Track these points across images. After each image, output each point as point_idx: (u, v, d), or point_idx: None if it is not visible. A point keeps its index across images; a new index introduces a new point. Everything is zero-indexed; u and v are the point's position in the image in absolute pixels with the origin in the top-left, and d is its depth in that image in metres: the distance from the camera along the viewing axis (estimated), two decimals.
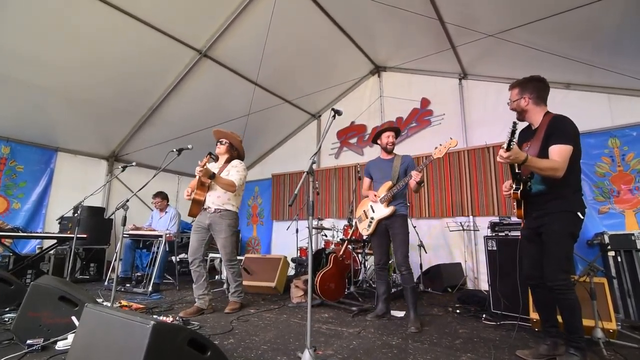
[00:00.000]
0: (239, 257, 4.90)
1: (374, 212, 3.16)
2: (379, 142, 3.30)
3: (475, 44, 4.28)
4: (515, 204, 2.11)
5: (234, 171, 3.30)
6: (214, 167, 3.35)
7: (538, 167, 1.91)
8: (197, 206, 3.26)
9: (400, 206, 3.08)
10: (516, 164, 1.95)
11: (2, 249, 4.49)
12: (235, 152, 3.49)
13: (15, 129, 4.90)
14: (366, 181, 3.39)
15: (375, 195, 3.14)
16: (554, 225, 1.97)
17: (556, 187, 1.98)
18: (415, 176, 2.81)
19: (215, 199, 3.25)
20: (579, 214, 1.97)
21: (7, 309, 2.77)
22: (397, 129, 3.33)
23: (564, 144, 1.94)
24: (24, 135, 5.05)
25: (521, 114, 2.21)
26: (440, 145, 2.81)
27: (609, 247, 3.30)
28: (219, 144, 3.42)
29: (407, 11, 4.03)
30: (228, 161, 3.42)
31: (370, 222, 3.18)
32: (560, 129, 1.99)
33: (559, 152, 1.93)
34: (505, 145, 1.80)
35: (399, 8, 4.02)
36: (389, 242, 3.15)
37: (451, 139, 2.79)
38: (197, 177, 3.14)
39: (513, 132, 1.77)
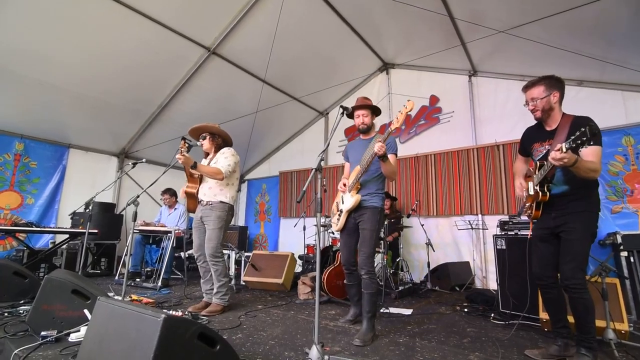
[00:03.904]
0: (246, 254, 4.98)
1: (343, 203, 2.71)
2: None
3: (486, 40, 4.22)
4: (534, 205, 2.07)
5: (222, 158, 3.13)
6: (205, 162, 3.29)
7: (585, 169, 1.85)
8: (192, 200, 3.15)
9: (372, 196, 2.59)
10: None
11: (17, 243, 4.61)
12: (220, 139, 3.30)
13: (29, 126, 5.02)
14: (345, 167, 2.91)
15: (344, 184, 2.71)
16: (576, 225, 1.96)
17: (580, 188, 1.97)
18: (377, 149, 2.28)
19: (207, 190, 3.11)
20: (599, 213, 2.01)
21: (22, 301, 2.84)
22: (373, 107, 2.72)
23: (597, 144, 1.92)
24: (37, 132, 5.16)
25: (547, 113, 2.08)
26: (399, 113, 2.31)
27: (621, 247, 3.25)
28: (200, 140, 3.24)
29: (416, 7, 3.99)
30: (217, 150, 3.29)
31: (340, 214, 2.72)
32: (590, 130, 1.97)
33: (594, 154, 1.91)
34: (567, 146, 1.72)
35: (407, 4, 3.98)
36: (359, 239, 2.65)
37: (408, 101, 2.28)
38: (185, 169, 3.07)
39: (584, 134, 1.65)
